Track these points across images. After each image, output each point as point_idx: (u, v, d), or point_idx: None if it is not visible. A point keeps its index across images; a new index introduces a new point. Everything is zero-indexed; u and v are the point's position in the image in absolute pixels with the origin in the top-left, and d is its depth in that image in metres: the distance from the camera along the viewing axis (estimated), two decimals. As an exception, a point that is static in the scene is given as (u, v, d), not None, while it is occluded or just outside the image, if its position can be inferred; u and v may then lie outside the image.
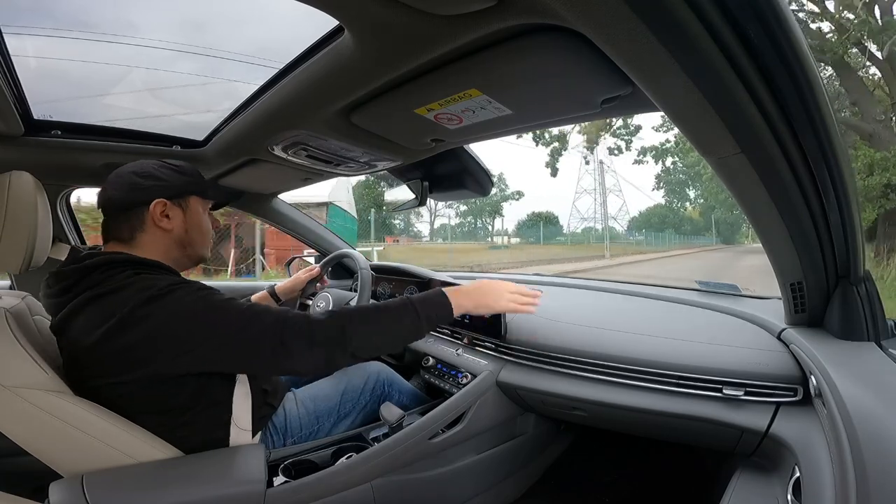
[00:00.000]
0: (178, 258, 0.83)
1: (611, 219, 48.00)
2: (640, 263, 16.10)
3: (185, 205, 0.83)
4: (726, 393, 0.80)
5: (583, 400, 0.97)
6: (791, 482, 0.63)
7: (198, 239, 0.85)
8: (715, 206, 34.59)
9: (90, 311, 0.69)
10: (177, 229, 0.81)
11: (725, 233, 41.51)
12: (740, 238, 42.09)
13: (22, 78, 0.84)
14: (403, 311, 0.80)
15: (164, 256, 0.80)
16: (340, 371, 1.17)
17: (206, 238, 0.87)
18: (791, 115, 0.48)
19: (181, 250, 0.83)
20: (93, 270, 0.72)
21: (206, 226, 0.87)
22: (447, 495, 1.04)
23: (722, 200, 31.92)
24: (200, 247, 0.86)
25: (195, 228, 0.84)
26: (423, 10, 0.48)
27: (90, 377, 0.69)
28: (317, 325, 0.74)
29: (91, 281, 0.71)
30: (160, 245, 0.80)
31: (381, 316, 0.79)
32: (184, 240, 0.83)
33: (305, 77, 0.72)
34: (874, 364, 0.63)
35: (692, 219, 45.14)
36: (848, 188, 0.57)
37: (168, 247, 0.81)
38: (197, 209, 0.85)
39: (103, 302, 0.68)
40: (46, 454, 0.67)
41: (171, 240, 0.81)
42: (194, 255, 0.86)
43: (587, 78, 0.60)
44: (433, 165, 1.19)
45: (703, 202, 36.60)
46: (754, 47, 0.41)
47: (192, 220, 0.84)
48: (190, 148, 1.15)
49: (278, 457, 0.87)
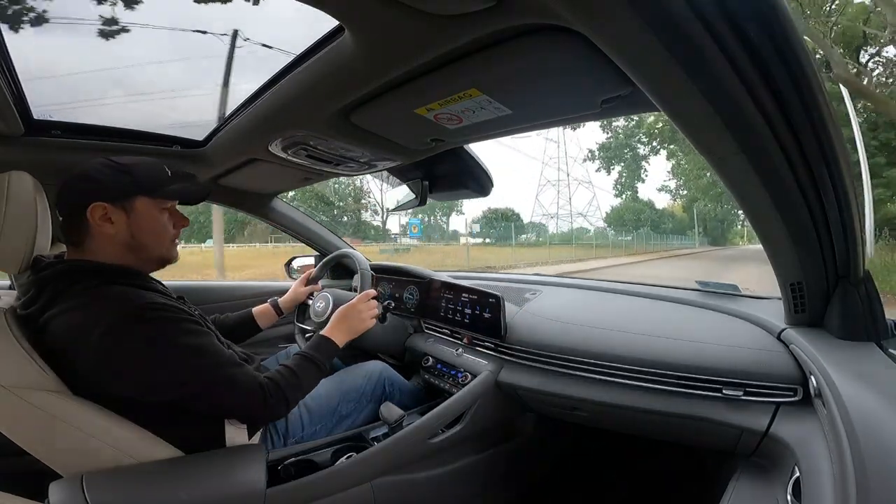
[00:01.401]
0: (137, 261, 0.79)
1: (578, 215, 43.41)
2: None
3: (129, 207, 0.77)
4: (726, 393, 0.80)
5: (582, 400, 0.97)
6: (791, 482, 0.63)
7: (149, 241, 0.79)
8: (698, 197, 30.59)
9: (64, 324, 0.68)
10: (121, 233, 0.76)
11: (714, 231, 37.02)
12: (733, 238, 38.00)
13: (22, 78, 0.84)
14: (312, 366, 0.88)
15: (121, 260, 0.77)
16: (341, 371, 1.17)
17: (160, 239, 0.81)
18: (791, 115, 0.48)
19: (134, 254, 0.78)
20: (52, 281, 0.71)
21: (159, 227, 0.81)
22: (447, 495, 1.04)
23: (704, 188, 27.82)
24: (155, 249, 0.81)
25: (143, 231, 0.78)
26: (423, 10, 0.48)
27: (83, 387, 0.69)
28: (271, 398, 0.78)
29: (53, 292, 0.70)
30: (109, 249, 0.76)
31: (302, 377, 0.85)
32: (131, 244, 0.77)
33: (305, 77, 0.72)
34: (874, 364, 0.63)
35: (674, 215, 39.75)
36: (848, 188, 0.57)
37: (118, 251, 0.77)
38: (146, 210, 0.79)
39: (75, 317, 0.68)
40: (46, 454, 0.67)
41: (119, 244, 0.77)
42: (152, 258, 0.81)
43: (587, 78, 0.60)
44: (433, 165, 1.19)
45: (687, 194, 33.12)
46: (754, 47, 0.41)
47: (139, 222, 0.78)
48: (190, 148, 1.15)
49: (278, 457, 0.87)
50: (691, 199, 33.17)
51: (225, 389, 0.73)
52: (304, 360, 0.87)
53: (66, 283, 0.71)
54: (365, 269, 1.30)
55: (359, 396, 1.08)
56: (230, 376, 0.74)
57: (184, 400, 0.71)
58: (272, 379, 0.79)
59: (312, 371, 0.87)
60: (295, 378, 0.83)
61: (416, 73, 0.64)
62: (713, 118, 0.49)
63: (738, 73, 0.43)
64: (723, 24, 0.39)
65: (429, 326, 1.43)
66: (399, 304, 1.48)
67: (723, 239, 37.32)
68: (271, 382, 0.79)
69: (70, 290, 0.70)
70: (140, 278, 0.79)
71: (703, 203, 31.64)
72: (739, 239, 37.43)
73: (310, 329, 1.35)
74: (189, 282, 1.68)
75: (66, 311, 0.68)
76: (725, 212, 32.70)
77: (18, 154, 1.01)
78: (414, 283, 1.49)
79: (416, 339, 1.42)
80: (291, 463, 0.87)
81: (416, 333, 1.45)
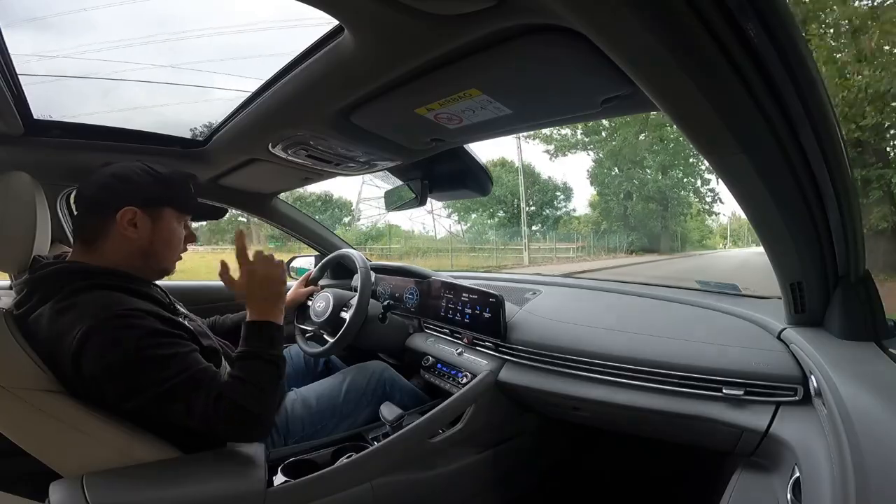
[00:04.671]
0: (140, 268, 0.79)
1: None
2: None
3: (156, 215, 0.79)
4: (726, 393, 0.80)
5: (583, 399, 0.97)
6: (791, 482, 0.63)
7: (163, 252, 0.81)
8: (610, 197, 21.07)
9: (45, 326, 0.68)
10: (142, 239, 0.77)
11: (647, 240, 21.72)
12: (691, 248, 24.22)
13: (22, 78, 0.84)
14: (259, 362, 0.75)
15: (125, 264, 0.77)
16: (342, 371, 1.17)
17: (173, 253, 0.83)
18: (791, 115, 0.48)
19: (143, 260, 0.79)
20: (44, 281, 0.71)
21: (175, 240, 0.83)
22: (447, 495, 1.04)
23: (613, 187, 20.03)
24: (164, 260, 0.82)
25: (162, 242, 0.80)
26: (423, 10, 0.48)
27: (71, 388, 0.69)
28: (232, 411, 0.69)
29: (45, 292, 0.70)
30: (121, 252, 0.76)
31: (252, 380, 0.72)
32: (147, 251, 0.79)
33: (305, 77, 0.72)
34: (874, 364, 0.63)
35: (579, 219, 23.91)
36: (848, 188, 0.57)
37: (129, 255, 0.77)
38: (170, 222, 0.81)
39: (56, 320, 0.68)
40: (46, 454, 0.67)
41: (135, 249, 0.77)
42: (156, 268, 0.82)
43: (587, 78, 0.60)
44: (433, 165, 1.19)
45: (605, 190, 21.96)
46: (754, 47, 0.41)
47: (161, 232, 0.80)
48: (190, 148, 1.15)
49: (278, 457, 0.87)
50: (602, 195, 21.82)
51: (183, 399, 0.67)
52: (253, 361, 0.74)
53: (57, 285, 0.70)
54: (365, 268, 1.30)
55: (359, 396, 1.08)
56: (193, 388, 0.68)
57: (143, 408, 0.68)
58: (226, 398, 0.68)
59: (267, 370, 0.74)
60: (253, 388, 0.71)
61: (417, 73, 0.64)
62: (713, 118, 0.49)
63: (739, 73, 0.43)
64: (723, 24, 0.39)
65: (429, 326, 1.43)
66: (399, 304, 1.48)
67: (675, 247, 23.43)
68: (227, 404, 0.68)
69: (60, 292, 0.70)
70: (137, 283, 0.78)
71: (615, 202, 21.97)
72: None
73: (310, 329, 1.35)
74: (185, 282, 1.68)
75: (52, 312, 0.68)
76: (652, 211, 21.78)
77: (18, 154, 1.01)
78: (414, 283, 1.49)
79: (417, 338, 1.42)
80: (291, 463, 0.87)
81: (416, 333, 1.45)
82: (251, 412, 0.69)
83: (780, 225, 0.63)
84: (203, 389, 0.68)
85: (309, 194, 22.49)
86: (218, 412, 0.67)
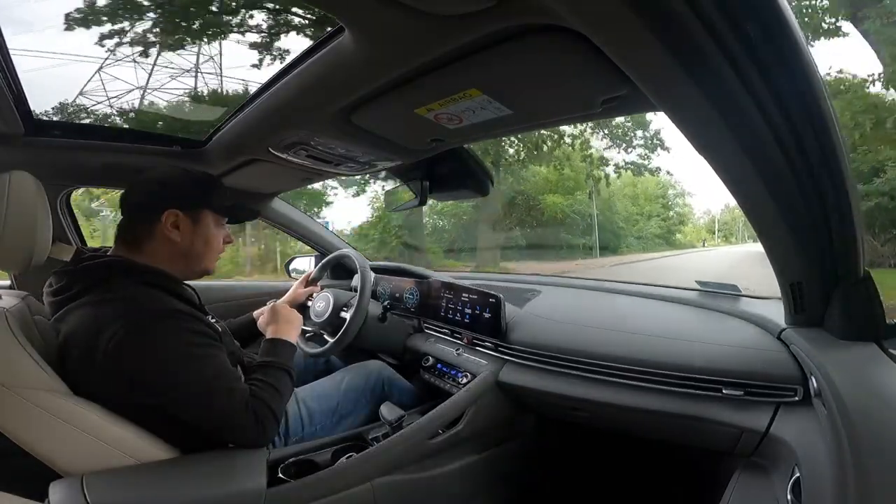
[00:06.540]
0: (182, 269, 0.83)
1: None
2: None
3: (196, 218, 0.83)
4: (726, 393, 0.80)
5: (582, 400, 0.97)
6: (791, 482, 0.63)
7: (204, 253, 0.86)
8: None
9: (85, 316, 0.69)
10: (184, 242, 0.82)
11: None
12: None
13: (22, 78, 0.84)
14: (286, 375, 0.86)
15: (168, 265, 0.80)
16: (341, 371, 1.17)
17: (212, 254, 0.88)
18: (792, 115, 0.48)
19: (185, 262, 0.83)
20: (90, 272, 0.73)
21: (215, 242, 0.88)
22: (447, 495, 1.04)
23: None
24: (205, 261, 0.87)
25: (203, 243, 0.85)
26: (423, 10, 0.48)
27: (84, 382, 0.70)
28: (261, 411, 0.76)
29: (88, 283, 0.72)
30: (164, 254, 0.80)
31: (283, 391, 0.83)
32: (189, 252, 0.83)
33: (305, 77, 0.72)
34: (874, 364, 0.63)
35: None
36: (848, 188, 0.57)
37: (172, 257, 0.81)
38: (209, 224, 0.85)
39: (98, 311, 0.69)
40: (46, 454, 0.67)
41: (177, 251, 0.82)
42: (198, 269, 0.87)
43: (587, 78, 0.60)
44: (433, 165, 1.19)
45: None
46: (754, 47, 0.41)
47: (202, 234, 0.84)
48: (190, 148, 1.15)
49: (278, 457, 0.87)
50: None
51: (218, 399, 0.72)
52: (276, 370, 0.86)
53: (103, 277, 0.73)
54: (365, 268, 1.30)
55: (359, 396, 1.08)
56: (228, 389, 0.74)
57: (164, 406, 0.71)
58: (258, 398, 0.77)
59: (287, 380, 0.86)
60: (277, 394, 0.81)
61: (417, 73, 0.64)
62: (713, 119, 0.49)
63: (739, 73, 0.43)
64: (723, 24, 0.39)
65: (429, 326, 1.43)
66: (399, 304, 1.48)
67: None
68: (259, 403, 0.76)
69: (103, 285, 0.72)
70: (176, 285, 0.81)
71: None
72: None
73: (310, 329, 1.35)
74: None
75: (94, 302, 0.70)
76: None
77: (19, 154, 1.01)
78: (414, 283, 1.49)
79: (416, 338, 1.42)
80: (291, 463, 0.86)
81: (416, 333, 1.45)
82: (275, 414, 0.78)
83: (780, 225, 0.63)
84: (237, 391, 0.74)
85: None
86: (247, 412, 0.74)
